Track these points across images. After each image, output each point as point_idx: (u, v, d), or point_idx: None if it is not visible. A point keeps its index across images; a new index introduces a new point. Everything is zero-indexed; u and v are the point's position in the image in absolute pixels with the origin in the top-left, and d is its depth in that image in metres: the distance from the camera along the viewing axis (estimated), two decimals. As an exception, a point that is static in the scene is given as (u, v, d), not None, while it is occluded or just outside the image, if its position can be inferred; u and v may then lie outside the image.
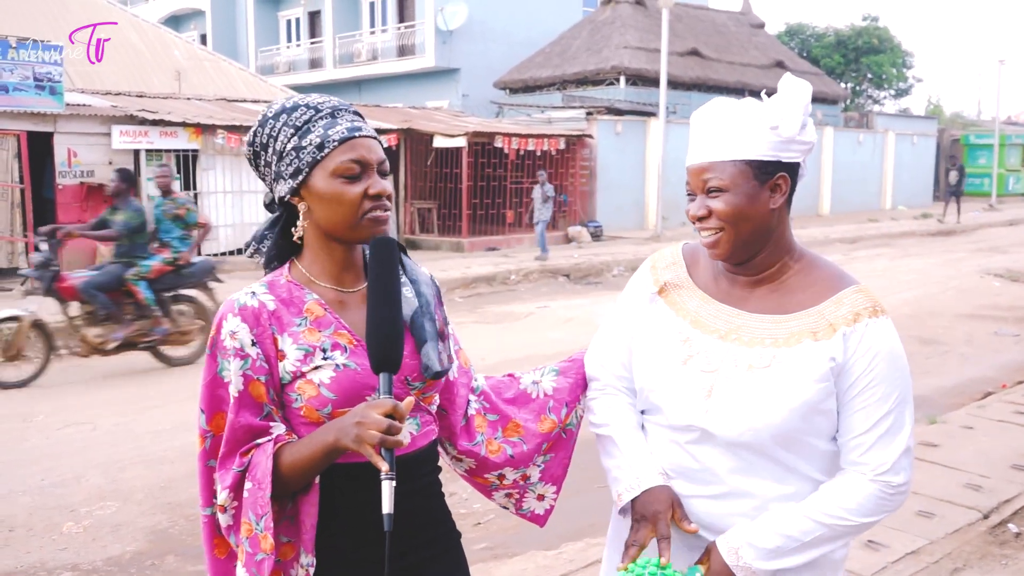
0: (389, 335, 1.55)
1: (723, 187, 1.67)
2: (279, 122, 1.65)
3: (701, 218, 1.70)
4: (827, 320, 1.68)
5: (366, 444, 1.46)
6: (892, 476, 1.67)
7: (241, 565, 1.57)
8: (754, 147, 1.67)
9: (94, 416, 6.75)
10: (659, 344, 1.79)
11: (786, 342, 1.69)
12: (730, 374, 1.70)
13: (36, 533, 4.64)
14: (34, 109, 13.26)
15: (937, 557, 4.04)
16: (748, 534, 1.68)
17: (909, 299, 11.83)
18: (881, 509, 1.69)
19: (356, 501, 1.64)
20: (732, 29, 30.78)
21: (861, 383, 1.66)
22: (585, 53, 26.74)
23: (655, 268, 1.88)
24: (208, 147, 15.11)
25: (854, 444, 1.69)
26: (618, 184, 21.24)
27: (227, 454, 1.59)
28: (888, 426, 1.67)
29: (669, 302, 1.82)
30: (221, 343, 1.61)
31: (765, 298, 1.75)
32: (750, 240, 1.70)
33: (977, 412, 6.31)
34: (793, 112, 1.68)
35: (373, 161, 1.65)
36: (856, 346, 1.66)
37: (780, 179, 1.69)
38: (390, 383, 1.54)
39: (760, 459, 1.71)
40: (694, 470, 1.75)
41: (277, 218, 1.72)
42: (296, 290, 1.67)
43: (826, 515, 1.67)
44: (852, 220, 25.07)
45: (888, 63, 40.26)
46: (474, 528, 4.65)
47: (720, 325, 1.75)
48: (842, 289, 1.71)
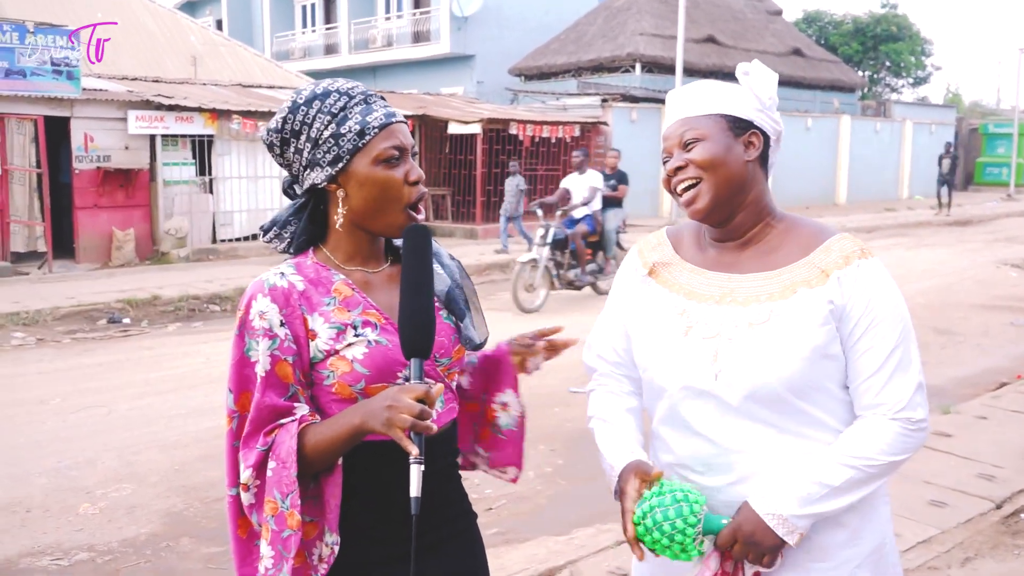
0: (423, 322, 1.58)
1: (699, 136, 1.73)
2: (313, 108, 1.64)
3: (679, 169, 1.75)
4: (819, 267, 1.71)
5: (396, 427, 1.46)
6: (910, 412, 1.68)
7: (266, 543, 1.57)
8: (728, 104, 1.76)
9: (109, 400, 6.80)
10: (657, 322, 1.80)
11: (781, 295, 1.71)
12: (732, 335, 1.71)
13: (52, 514, 4.69)
14: (51, 94, 13.32)
15: (949, 547, 4.04)
16: (778, 484, 1.67)
17: (925, 289, 11.77)
18: (906, 447, 1.69)
19: (379, 480, 1.65)
20: (749, 16, 30.59)
21: (864, 323, 1.68)
22: (600, 40, 26.64)
23: (642, 252, 1.92)
24: (224, 132, 15.15)
25: (867, 387, 1.69)
26: (633, 171, 20.97)
27: (251, 433, 1.59)
28: (897, 362, 1.68)
29: (660, 281, 1.84)
30: (249, 323, 1.61)
31: (754, 259, 1.77)
32: (727, 191, 1.73)
33: (992, 402, 6.28)
34: (763, 74, 1.76)
35: (408, 146, 1.68)
36: (852, 287, 1.68)
37: (753, 135, 1.76)
38: (421, 368, 1.56)
39: (779, 417, 1.70)
40: (714, 456, 1.73)
41: (303, 204, 1.71)
42: (323, 271, 1.68)
43: (853, 457, 1.67)
44: (869, 209, 24.93)
45: (907, 51, 39.92)
46: (486, 513, 4.67)
47: (714, 292, 1.77)
48: (828, 238, 1.75)
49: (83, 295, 10.96)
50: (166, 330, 9.92)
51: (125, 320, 10.20)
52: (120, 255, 14.14)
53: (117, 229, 14.20)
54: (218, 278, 12.36)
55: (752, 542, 1.66)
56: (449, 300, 1.74)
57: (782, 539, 1.65)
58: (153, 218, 14.76)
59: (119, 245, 14.16)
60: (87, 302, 10.56)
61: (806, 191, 25.63)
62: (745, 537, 1.66)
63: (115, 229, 14.18)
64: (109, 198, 14.16)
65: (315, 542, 1.62)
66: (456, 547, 1.79)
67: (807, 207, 25.09)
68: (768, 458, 1.70)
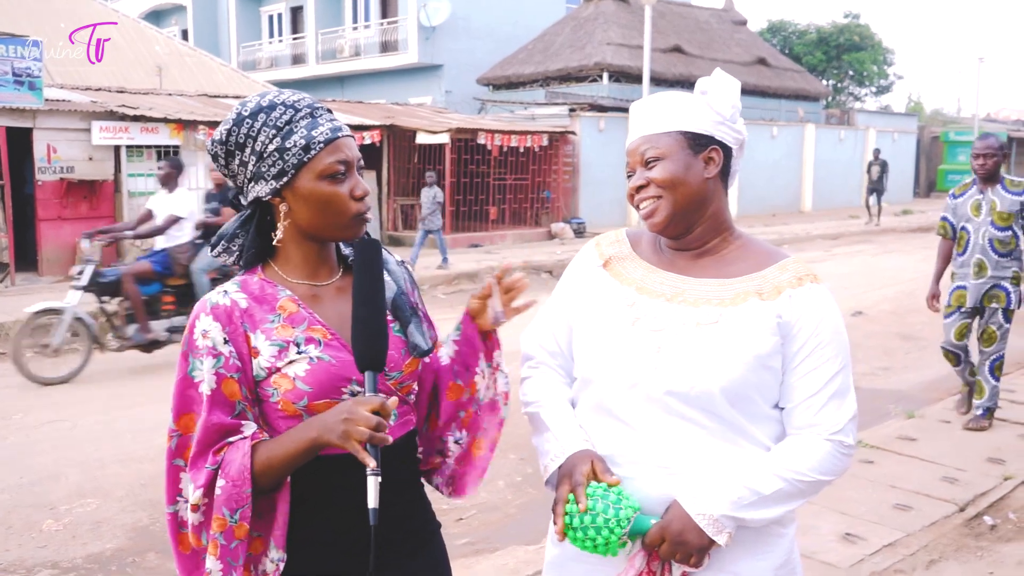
0: (374, 335, 1.58)
1: (659, 155, 1.76)
2: (258, 121, 1.63)
3: (640, 188, 1.78)
4: (772, 283, 1.76)
5: (353, 440, 1.47)
6: (844, 437, 1.73)
7: (214, 558, 1.57)
8: (688, 120, 1.78)
9: (74, 414, 6.71)
10: (605, 310, 1.83)
11: (732, 301, 1.75)
12: (678, 331, 1.74)
13: (15, 531, 4.61)
14: (13, 104, 13.14)
15: (914, 549, 4.09)
16: (709, 484, 1.69)
17: (889, 295, 11.91)
18: (835, 468, 1.74)
19: (335, 493, 1.64)
20: (714, 26, 30.87)
21: (810, 345, 1.72)
22: (568, 49, 26.76)
23: (599, 245, 1.96)
24: (189, 143, 15.02)
25: (805, 406, 1.73)
26: (601, 180, 21.27)
27: (199, 453, 1.59)
28: (837, 387, 1.73)
29: (613, 273, 1.87)
30: (193, 343, 1.61)
31: (708, 267, 1.82)
32: (686, 208, 1.77)
33: (954, 406, 6.37)
34: (722, 88, 1.80)
35: (354, 160, 1.67)
36: (801, 307, 1.73)
37: (713, 151, 1.79)
38: (375, 380, 1.57)
39: (709, 420, 1.71)
40: (640, 447, 1.75)
41: (249, 216, 1.70)
42: (269, 287, 1.67)
43: (786, 469, 1.70)
44: (834, 216, 25.21)
45: (869, 60, 40.47)
46: (456, 523, 4.66)
47: (666, 290, 1.80)
48: (783, 259, 1.80)
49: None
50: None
51: (90, 333, 10.01)
52: (84, 267, 13.93)
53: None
54: (185, 290, 12.20)
55: (680, 541, 1.67)
56: (395, 307, 1.73)
57: (711, 539, 1.67)
58: (118, 230, 14.57)
59: (83, 257, 13.94)
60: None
61: (772, 199, 25.88)
62: (673, 536, 1.67)
63: (79, 241, 13.98)
64: (73, 209, 13.96)
65: (260, 557, 1.62)
66: (419, 561, 1.78)
67: (773, 214, 25.35)
68: (694, 459, 1.72)
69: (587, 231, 20.00)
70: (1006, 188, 5.71)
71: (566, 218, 20.30)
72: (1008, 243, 5.67)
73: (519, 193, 20.44)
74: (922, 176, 35.61)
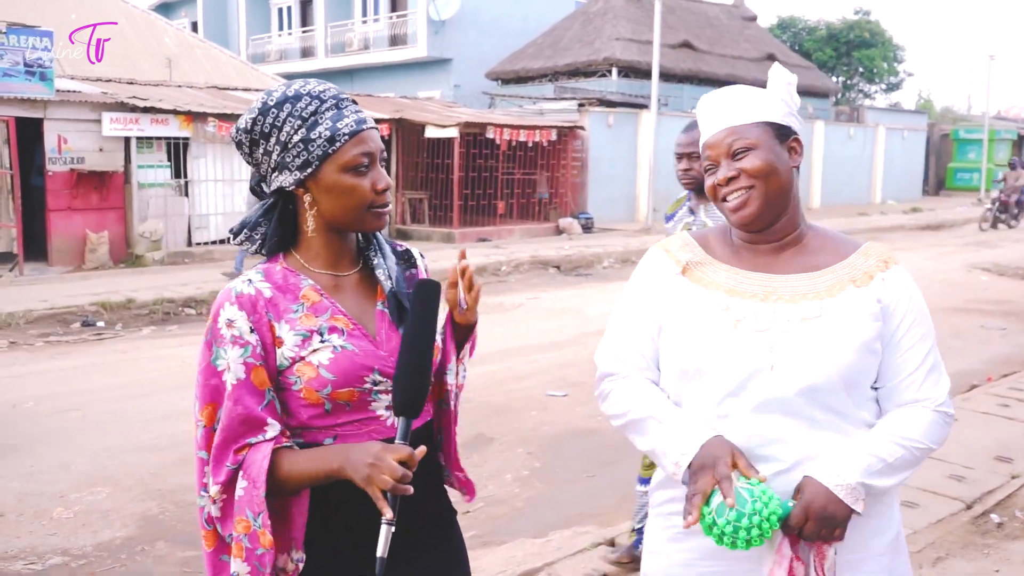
0: (418, 382, 1.59)
1: (750, 145, 1.77)
2: (283, 111, 1.63)
3: (730, 179, 1.77)
4: (861, 269, 1.80)
5: (375, 486, 1.49)
6: (947, 408, 1.80)
7: (240, 560, 1.58)
8: (771, 111, 1.81)
9: (83, 403, 6.74)
10: (699, 317, 1.78)
11: (829, 293, 1.77)
12: (785, 328, 1.74)
13: (26, 519, 4.65)
14: (24, 95, 13.19)
15: (920, 546, 4.09)
16: (838, 456, 1.71)
17: (897, 293, 11.87)
18: (941, 437, 1.79)
19: (357, 494, 1.63)
20: (724, 22, 30.78)
21: (906, 323, 1.78)
22: (577, 44, 26.72)
23: (669, 251, 1.88)
24: (199, 135, 15.06)
25: (909, 382, 1.78)
26: (609, 176, 21.25)
27: (222, 445, 1.59)
28: (933, 361, 1.80)
29: (694, 279, 1.83)
30: (218, 332, 1.61)
31: (791, 261, 1.82)
32: (776, 199, 1.78)
33: (962, 404, 6.36)
34: (788, 77, 1.84)
35: (377, 152, 1.67)
36: (894, 289, 1.78)
37: (795, 141, 1.82)
38: (408, 428, 1.57)
39: (822, 413, 1.73)
40: (758, 446, 1.72)
41: (272, 205, 1.71)
42: (292, 277, 1.68)
43: (903, 438, 1.74)
44: (842, 214, 25.14)
45: (879, 57, 40.31)
46: (463, 516, 4.67)
47: (757, 290, 1.79)
48: (862, 244, 1.85)
49: (56, 298, 10.85)
50: (140, 333, 9.83)
51: (99, 323, 10.09)
52: (94, 258, 14.01)
53: (91, 231, 14.07)
54: (193, 281, 12.27)
55: (824, 515, 1.65)
56: (397, 301, 1.72)
57: (851, 508, 1.67)
58: (128, 221, 14.64)
59: (93, 248, 14.03)
60: (60, 305, 10.45)
61: (781, 196, 25.81)
62: (817, 512, 1.65)
63: (89, 232, 14.05)
64: (83, 200, 14.03)
65: (281, 557, 1.63)
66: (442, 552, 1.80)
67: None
68: (809, 450, 1.73)
69: (595, 227, 19.99)
70: None
71: (574, 213, 20.28)
72: None
73: (527, 188, 20.43)
74: (931, 174, 35.49)
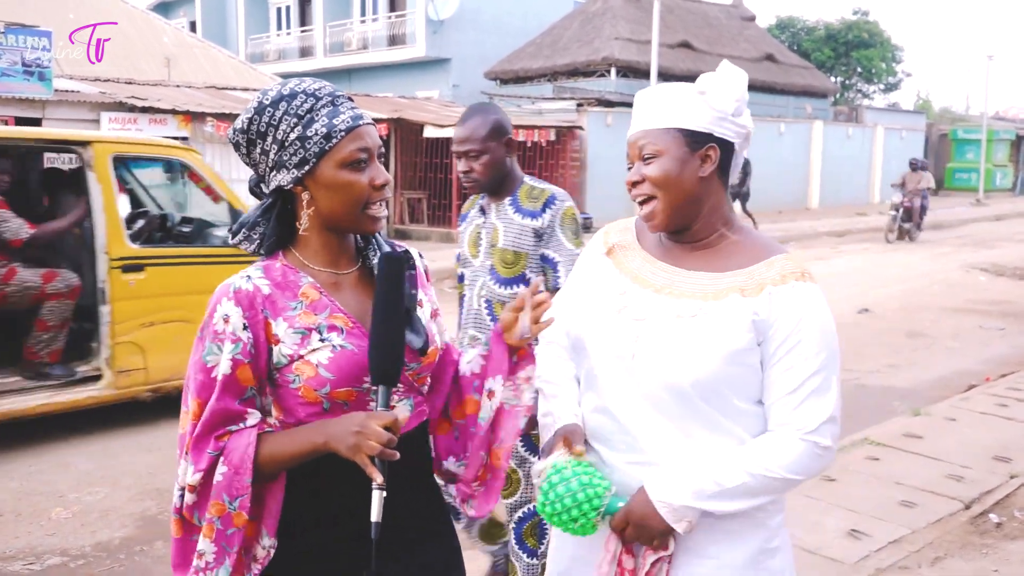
0: (391, 350, 1.59)
1: (656, 152, 1.77)
2: (279, 110, 1.63)
3: (635, 183, 1.81)
4: (756, 280, 1.76)
5: (363, 454, 1.49)
6: (819, 437, 1.72)
7: (209, 540, 1.58)
8: (686, 117, 1.77)
9: (82, 403, 6.73)
10: (599, 297, 1.89)
11: (714, 296, 1.76)
12: (657, 322, 1.77)
13: (24, 518, 4.65)
14: (22, 95, 13.17)
15: (919, 546, 4.10)
16: (675, 474, 1.73)
17: (896, 293, 11.90)
18: (807, 468, 1.73)
19: (334, 481, 1.64)
20: (723, 22, 30.80)
21: (789, 343, 1.72)
22: (576, 44, 26.72)
23: (607, 233, 2.01)
24: (198, 135, 15.03)
25: (782, 404, 1.73)
26: (608, 176, 21.25)
27: (201, 435, 1.59)
28: (815, 386, 1.72)
29: (615, 262, 1.92)
30: (212, 327, 1.61)
31: (702, 259, 1.83)
32: (681, 206, 1.79)
33: (960, 404, 6.37)
34: (723, 86, 1.77)
35: (375, 148, 1.67)
36: (781, 305, 1.72)
37: (710, 150, 1.78)
38: (388, 395, 1.58)
39: (683, 411, 1.74)
40: (618, 434, 1.81)
41: (271, 205, 1.70)
42: (291, 274, 1.68)
43: (756, 465, 1.71)
44: (840, 214, 25.16)
45: (878, 57, 40.35)
46: (462, 516, 4.67)
47: (657, 281, 1.83)
48: (773, 255, 1.80)
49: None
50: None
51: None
52: (92, 258, 13.98)
53: (89, 232, 14.04)
54: (192, 281, 12.25)
55: (641, 525, 1.72)
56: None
57: (670, 525, 1.71)
58: (126, 220, 14.60)
59: (91, 248, 13.99)
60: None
61: (779, 196, 25.83)
62: (636, 521, 1.72)
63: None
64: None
65: (252, 543, 1.63)
66: (426, 551, 1.78)
67: (780, 211, 25.29)
68: (670, 448, 1.75)
69: (594, 226, 19.97)
70: (518, 204, 3.12)
71: (573, 213, 20.24)
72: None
73: (526, 188, 20.40)
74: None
